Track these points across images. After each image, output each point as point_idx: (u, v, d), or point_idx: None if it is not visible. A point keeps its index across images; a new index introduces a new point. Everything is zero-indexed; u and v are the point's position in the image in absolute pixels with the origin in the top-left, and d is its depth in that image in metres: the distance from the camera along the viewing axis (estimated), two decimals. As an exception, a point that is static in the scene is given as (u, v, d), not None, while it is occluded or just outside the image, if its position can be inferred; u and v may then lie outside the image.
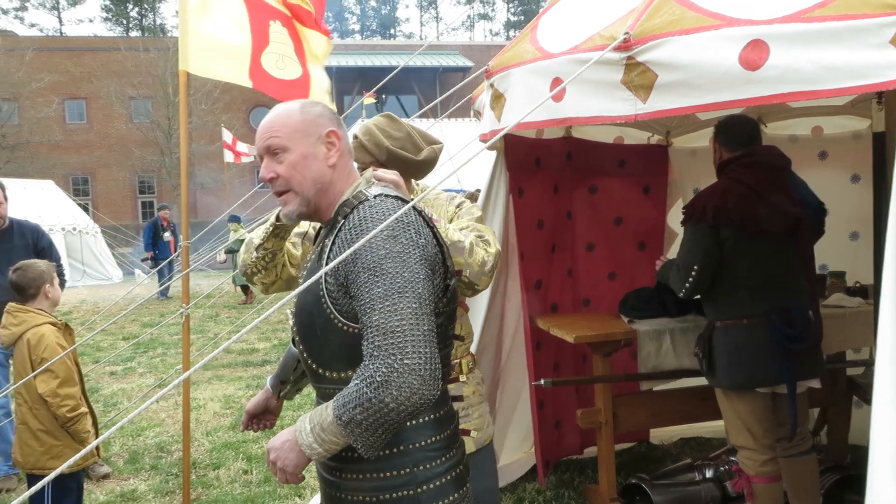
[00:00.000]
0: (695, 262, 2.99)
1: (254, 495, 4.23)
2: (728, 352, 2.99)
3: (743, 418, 3.03)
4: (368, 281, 1.49)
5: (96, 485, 4.49)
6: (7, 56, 26.95)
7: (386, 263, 1.49)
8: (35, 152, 27.63)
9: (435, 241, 1.62)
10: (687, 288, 3.05)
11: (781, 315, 2.88)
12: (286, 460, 1.55)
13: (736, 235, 2.92)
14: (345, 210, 1.62)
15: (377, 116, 2.48)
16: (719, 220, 2.92)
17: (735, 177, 2.99)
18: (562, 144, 4.02)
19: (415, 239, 1.54)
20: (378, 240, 1.51)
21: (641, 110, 2.25)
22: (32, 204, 15.33)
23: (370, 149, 2.37)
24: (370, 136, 2.38)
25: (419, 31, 54.96)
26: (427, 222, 1.64)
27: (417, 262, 1.52)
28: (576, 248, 4.20)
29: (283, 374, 2.04)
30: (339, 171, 1.69)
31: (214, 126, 25.06)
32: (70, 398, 3.20)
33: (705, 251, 2.97)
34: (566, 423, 4.16)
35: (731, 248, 2.94)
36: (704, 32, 2.06)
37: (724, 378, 3.03)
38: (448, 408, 1.71)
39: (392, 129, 2.40)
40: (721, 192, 2.98)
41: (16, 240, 4.63)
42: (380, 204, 1.59)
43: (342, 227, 1.59)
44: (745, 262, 2.95)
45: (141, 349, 8.93)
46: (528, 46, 2.87)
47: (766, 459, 3.03)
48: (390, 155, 2.33)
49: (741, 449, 3.08)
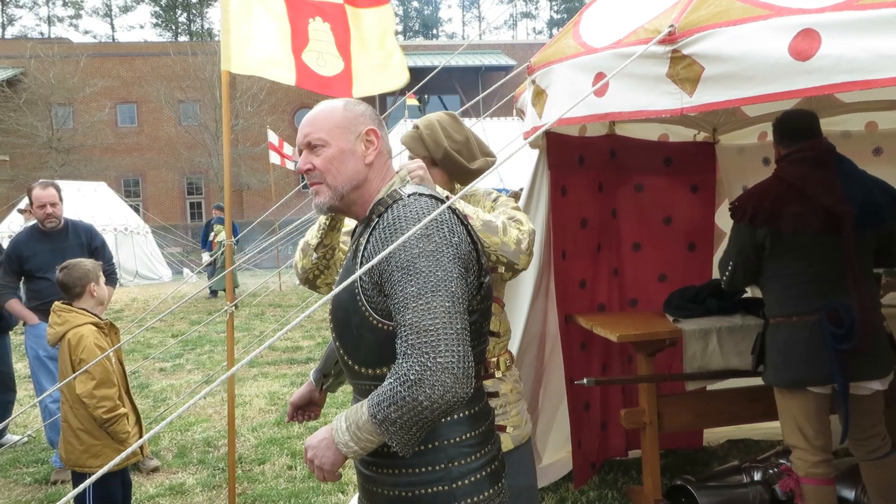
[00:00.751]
0: (730, 259, 3.09)
1: (298, 490, 4.28)
2: (778, 349, 2.97)
3: (795, 417, 2.98)
4: (402, 279, 1.50)
5: (146, 478, 4.60)
6: (62, 62, 27.86)
7: (419, 262, 1.50)
8: (88, 155, 28.50)
9: (469, 238, 1.63)
10: (724, 281, 3.17)
11: (829, 314, 2.83)
12: (323, 458, 1.58)
13: (775, 234, 2.92)
14: (379, 209, 1.64)
15: (441, 113, 2.48)
16: (756, 222, 2.94)
17: (779, 174, 2.98)
18: (605, 142, 3.97)
19: (448, 237, 1.55)
20: (411, 239, 1.52)
21: (687, 104, 2.21)
22: (86, 205, 15.83)
23: (428, 144, 2.38)
24: (431, 131, 2.39)
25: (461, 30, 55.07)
26: (461, 220, 1.65)
27: (451, 260, 1.53)
28: (621, 248, 4.14)
29: (325, 368, 2.08)
30: (376, 170, 1.72)
31: (260, 128, 25.50)
32: (107, 399, 3.18)
33: (739, 249, 3.04)
34: (612, 424, 4.11)
35: (774, 247, 2.94)
36: (753, 23, 2.01)
37: (773, 375, 3.01)
38: (483, 404, 1.71)
39: (453, 131, 2.40)
40: (760, 193, 2.99)
41: (70, 239, 4.77)
42: (413, 203, 1.60)
43: (376, 226, 1.61)
44: (790, 260, 2.93)
45: (189, 346, 9.12)
46: (571, 42, 2.84)
47: (817, 461, 2.95)
48: (446, 156, 2.34)
49: (794, 448, 3.02)
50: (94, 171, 26.33)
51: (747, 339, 3.45)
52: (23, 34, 45.06)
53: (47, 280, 4.59)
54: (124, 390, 3.41)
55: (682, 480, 3.67)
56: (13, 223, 15.41)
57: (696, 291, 3.74)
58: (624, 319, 3.75)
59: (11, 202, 20.64)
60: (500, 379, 2.42)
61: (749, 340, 3.42)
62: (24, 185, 21.02)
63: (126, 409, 3.32)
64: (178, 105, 30.14)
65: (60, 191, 4.78)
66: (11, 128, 26.92)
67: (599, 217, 3.96)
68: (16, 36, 44.18)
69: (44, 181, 4.86)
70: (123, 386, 3.42)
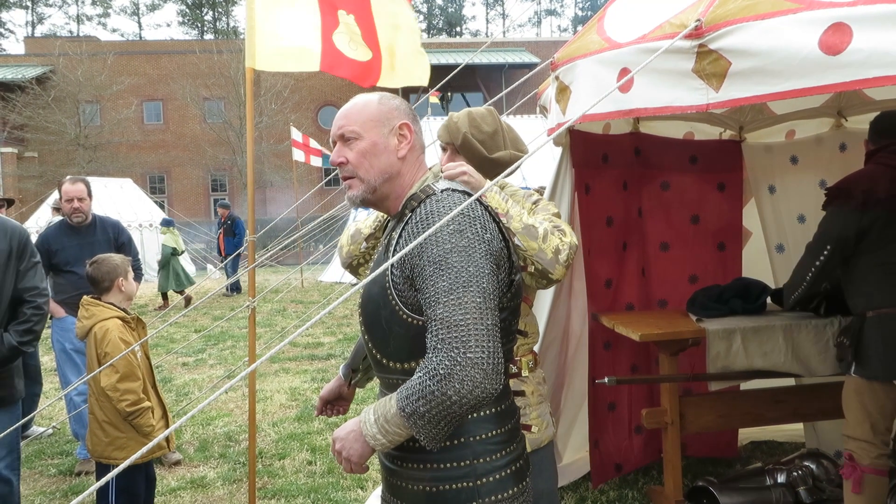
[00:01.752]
0: (828, 243, 3.00)
1: (317, 486, 4.29)
2: (883, 340, 2.90)
3: (870, 411, 2.97)
4: (434, 274, 1.50)
5: (168, 471, 4.64)
6: (90, 60, 28.25)
7: (451, 258, 1.50)
8: (115, 152, 28.86)
9: (501, 236, 1.62)
10: (814, 270, 3.07)
11: None
12: (351, 450, 1.58)
13: (886, 218, 2.88)
14: (412, 204, 1.64)
15: (481, 107, 2.49)
16: (869, 204, 2.89)
17: (883, 161, 2.96)
18: (630, 140, 3.93)
19: (480, 234, 1.55)
20: (444, 234, 1.52)
21: (713, 99, 2.18)
22: (112, 201, 16.03)
23: (451, 130, 2.40)
24: (458, 119, 2.41)
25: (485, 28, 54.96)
26: (493, 217, 1.65)
27: (483, 256, 1.53)
28: (647, 247, 4.09)
29: (353, 363, 2.09)
30: (408, 164, 1.71)
31: (283, 125, 25.63)
32: (130, 393, 3.20)
33: (840, 231, 2.97)
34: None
35: (881, 232, 2.90)
36: (782, 17, 1.97)
37: (878, 368, 2.93)
38: (510, 402, 1.71)
39: (482, 122, 2.41)
40: (868, 178, 2.96)
41: (98, 234, 4.83)
42: (446, 198, 1.60)
43: (409, 221, 1.61)
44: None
45: (211, 341, 9.21)
46: (595, 37, 2.81)
47: (880, 453, 2.98)
48: (465, 142, 2.35)
49: (856, 440, 3.02)
50: (121, 168, 26.67)
51: (772, 340, 3.40)
52: (52, 32, 45.84)
53: (74, 274, 4.65)
54: (151, 384, 3.44)
55: (705, 482, 3.63)
56: (41, 219, 15.66)
57: (721, 291, 3.69)
58: (647, 318, 3.71)
59: (40, 198, 20.96)
60: (521, 380, 2.40)
61: (774, 341, 3.38)
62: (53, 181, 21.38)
63: (150, 402, 3.34)
64: (202, 103, 30.41)
65: (90, 186, 4.85)
66: (40, 125, 27.34)
67: (625, 215, 3.92)
68: (45, 34, 44.93)
69: (73, 177, 4.94)
70: (150, 380, 3.44)
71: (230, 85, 28.62)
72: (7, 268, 3.17)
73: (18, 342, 3.15)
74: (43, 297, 3.33)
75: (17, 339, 3.16)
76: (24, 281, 3.24)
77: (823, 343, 3.39)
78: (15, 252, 3.20)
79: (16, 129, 28.15)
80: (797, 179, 4.19)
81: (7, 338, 3.13)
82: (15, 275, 3.21)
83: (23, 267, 3.24)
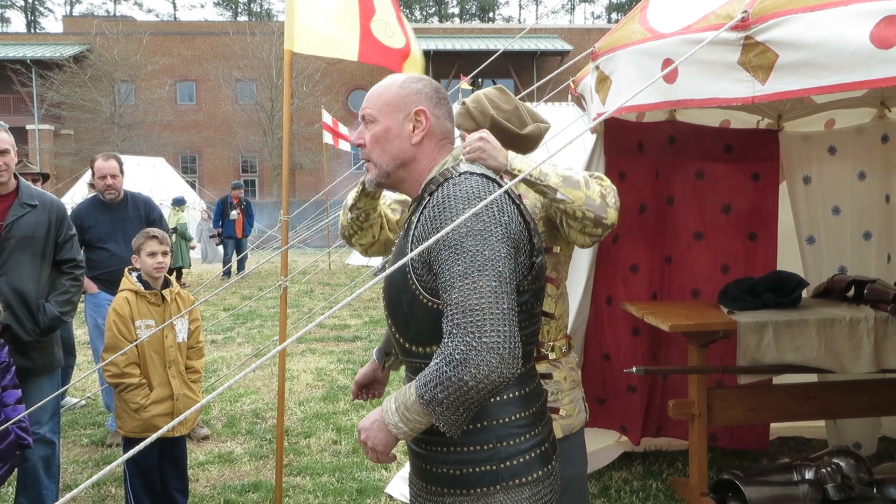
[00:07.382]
0: None
1: (342, 465, 4.35)
2: None
3: None
4: (449, 258, 1.50)
5: (197, 445, 4.73)
6: (126, 40, 28.57)
7: (466, 241, 1.49)
8: (149, 131, 29.21)
9: (521, 218, 1.61)
10: None
11: None
12: (376, 440, 1.59)
13: None
14: (431, 187, 1.64)
15: (489, 88, 2.47)
16: None
17: None
18: (665, 128, 3.90)
19: (497, 216, 1.54)
20: (459, 217, 1.52)
21: (760, 92, 2.15)
22: (145, 179, 16.22)
23: (475, 116, 2.37)
24: (478, 104, 2.38)
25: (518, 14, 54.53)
26: (513, 199, 1.63)
27: (499, 239, 1.52)
28: (679, 236, 4.07)
29: (387, 346, 2.11)
30: (425, 150, 1.71)
31: (314, 108, 25.72)
32: (111, 365, 3.16)
33: None
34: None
35: None
36: (832, 9, 1.94)
37: None
38: (535, 385, 1.70)
39: (501, 101, 2.39)
40: None
41: (129, 211, 4.89)
42: (464, 182, 1.59)
43: (427, 204, 1.61)
44: None
45: (240, 320, 9.33)
46: (637, 27, 2.79)
47: None
48: (494, 124, 2.31)
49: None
50: (154, 147, 26.99)
51: (804, 334, 3.36)
52: (89, 12, 46.39)
53: (106, 251, 4.72)
54: (161, 364, 3.33)
55: (730, 474, 3.62)
56: (76, 195, 15.91)
57: (753, 284, 3.65)
58: (676, 309, 3.69)
59: (75, 175, 21.32)
60: (553, 364, 2.38)
61: (807, 336, 3.34)
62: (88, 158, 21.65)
63: (137, 379, 3.26)
64: (235, 84, 30.64)
65: (122, 163, 4.90)
66: (77, 103, 27.77)
67: (656, 204, 3.90)
68: (83, 14, 45.49)
69: (106, 153, 4.95)
70: (161, 360, 3.34)
71: (262, 67, 28.79)
72: (47, 240, 3.26)
73: (60, 312, 3.24)
74: (80, 269, 3.41)
75: (59, 310, 3.24)
76: (62, 253, 3.32)
77: (857, 339, 3.35)
78: (54, 224, 3.29)
79: (53, 106, 28.65)
80: (833, 170, 4.10)
81: (49, 308, 3.22)
82: (54, 247, 3.29)
83: (61, 239, 3.32)
